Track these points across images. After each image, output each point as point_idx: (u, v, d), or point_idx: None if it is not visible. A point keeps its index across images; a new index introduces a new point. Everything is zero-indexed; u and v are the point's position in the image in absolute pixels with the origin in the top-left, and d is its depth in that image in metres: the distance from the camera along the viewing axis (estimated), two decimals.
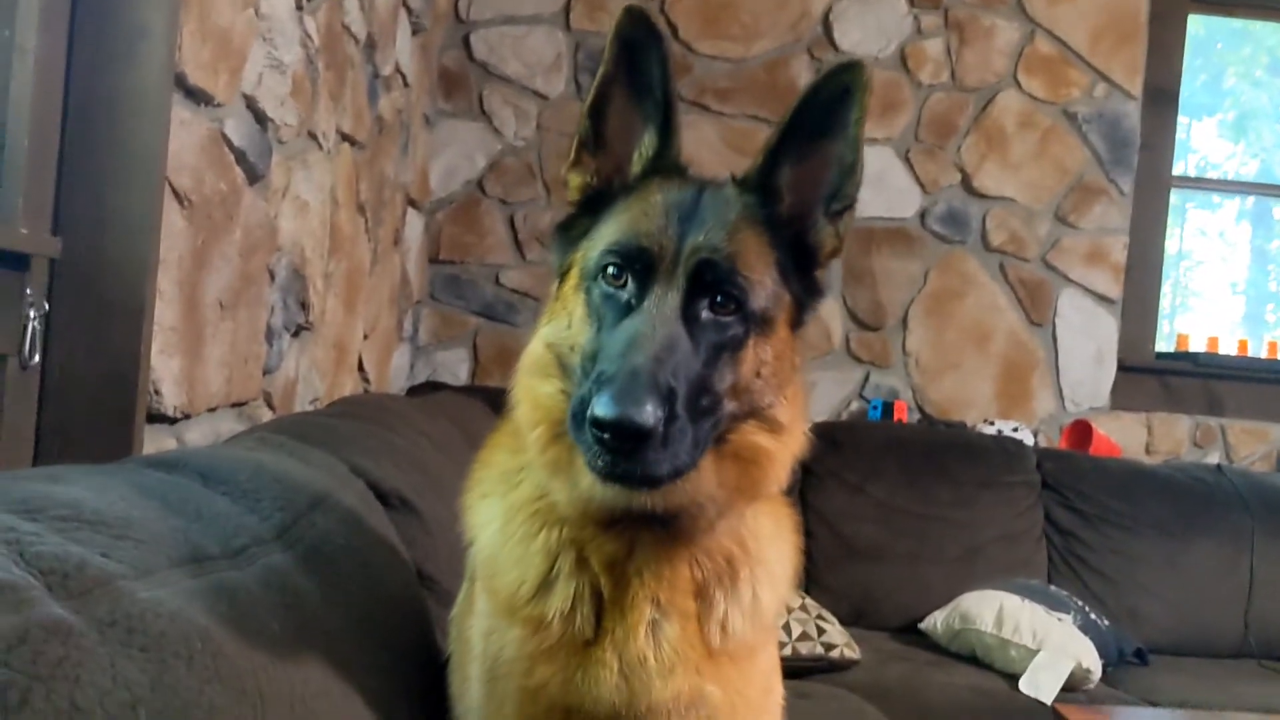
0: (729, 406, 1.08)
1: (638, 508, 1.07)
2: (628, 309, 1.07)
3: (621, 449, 0.96)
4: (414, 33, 3.57)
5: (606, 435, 0.95)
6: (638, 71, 1.16)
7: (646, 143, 1.18)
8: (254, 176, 2.12)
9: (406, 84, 3.51)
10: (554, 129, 4.13)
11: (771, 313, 1.12)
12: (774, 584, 1.20)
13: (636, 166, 1.19)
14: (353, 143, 2.85)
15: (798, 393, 1.16)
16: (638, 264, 1.09)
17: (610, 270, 1.10)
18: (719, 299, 1.08)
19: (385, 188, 3.31)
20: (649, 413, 0.95)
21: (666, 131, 1.18)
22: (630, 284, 1.09)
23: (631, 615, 1.11)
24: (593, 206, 1.19)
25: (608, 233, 1.13)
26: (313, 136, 2.48)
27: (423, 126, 3.91)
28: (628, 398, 0.95)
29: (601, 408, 0.95)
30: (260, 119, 2.14)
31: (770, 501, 1.22)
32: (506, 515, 1.17)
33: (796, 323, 1.18)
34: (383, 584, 1.38)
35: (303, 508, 1.26)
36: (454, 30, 4.15)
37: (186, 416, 1.88)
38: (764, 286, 1.11)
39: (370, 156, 3.07)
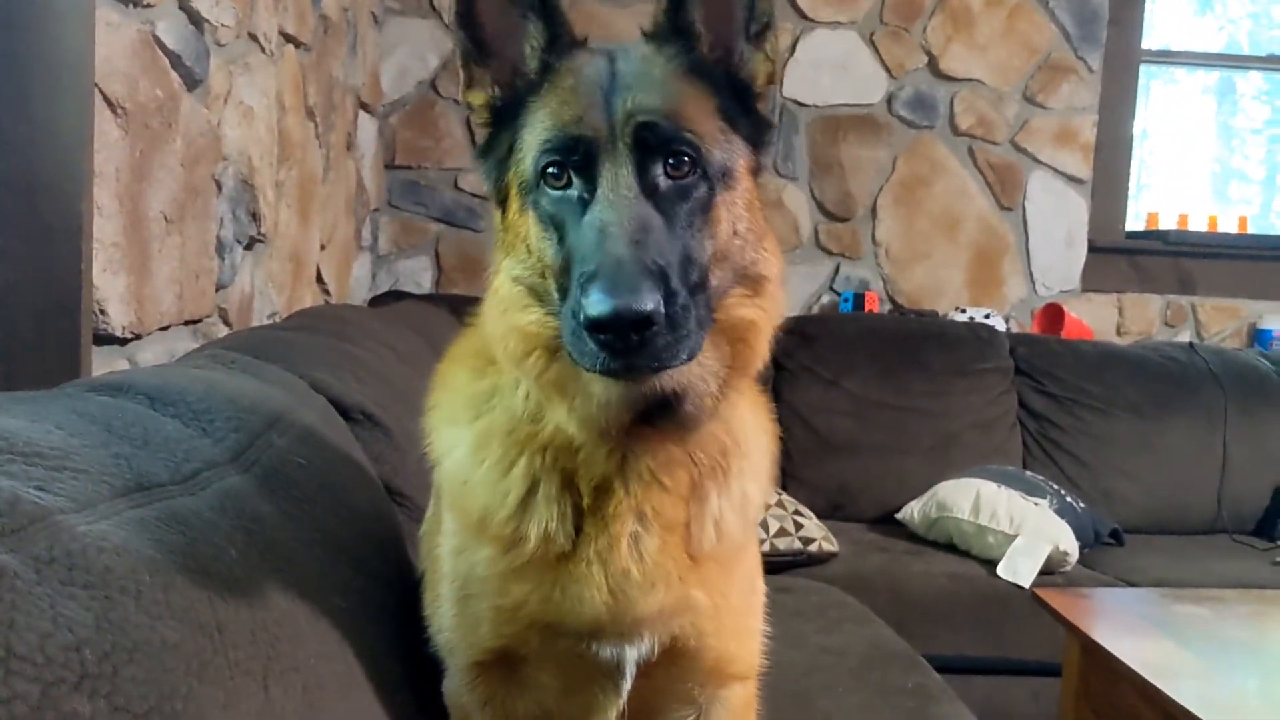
0: (717, 274, 1.01)
1: (661, 391, 1.01)
2: (583, 205, 0.99)
3: (628, 344, 0.89)
4: None
5: (606, 335, 0.88)
6: None
7: (534, 33, 1.08)
8: (192, 81, 2.01)
9: None
10: None
11: (729, 162, 1.04)
12: (759, 477, 1.16)
13: (533, 61, 1.08)
14: (297, 44, 2.72)
15: (774, 242, 1.10)
16: (576, 154, 1.00)
17: (550, 171, 1.01)
18: (672, 161, 1.00)
19: (334, 91, 3.18)
20: (645, 296, 0.88)
21: (549, 12, 1.08)
22: (575, 179, 1.00)
23: (614, 527, 1.06)
24: (505, 118, 1.09)
25: (532, 137, 1.04)
26: (253, 38, 2.36)
27: (371, 26, 3.76)
28: (618, 288, 0.87)
29: (594, 307, 0.87)
30: (195, 20, 2.02)
31: (749, 388, 1.16)
32: (478, 441, 1.11)
33: (755, 168, 1.10)
34: (349, 503, 1.33)
35: (259, 427, 1.20)
36: None
37: (137, 336, 1.81)
38: (713, 136, 1.03)
39: (316, 58, 2.94)
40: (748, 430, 1.15)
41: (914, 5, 4.12)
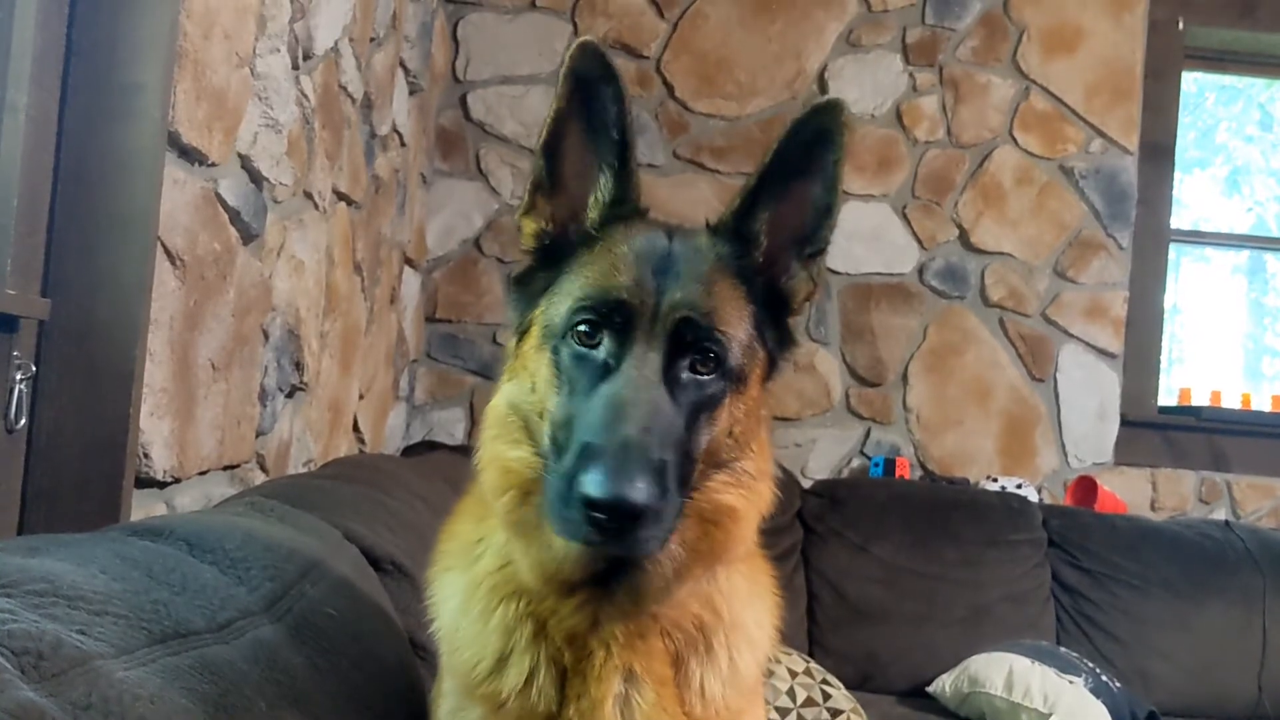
0: (700, 467, 1.03)
1: (607, 564, 1.02)
2: (604, 370, 1.01)
3: (617, 529, 0.91)
4: (411, 93, 3.57)
5: (601, 515, 0.90)
6: (593, 110, 1.09)
7: (603, 186, 1.12)
8: (248, 236, 2.09)
9: (404, 144, 3.50)
10: None
11: (747, 369, 1.08)
12: (752, 646, 1.15)
13: (594, 212, 1.12)
14: (349, 202, 2.83)
15: (764, 444, 1.12)
16: (614, 321, 1.02)
17: (582, 328, 1.03)
18: (698, 356, 1.03)
19: (382, 247, 3.29)
20: (646, 491, 0.90)
21: (624, 174, 1.11)
22: (606, 343, 1.02)
23: (598, 688, 1.05)
24: (550, 258, 1.13)
25: (574, 287, 1.07)
26: (309, 196, 2.46)
27: (420, 186, 3.90)
28: (622, 476, 0.90)
29: (594, 487, 0.89)
30: (255, 178, 2.12)
31: (745, 560, 1.16)
32: (467, 590, 1.12)
33: (768, 376, 1.13)
34: (376, 656, 1.33)
35: (293, 577, 1.21)
36: (451, 90, 4.17)
37: (177, 480, 1.84)
38: (741, 343, 1.07)
39: (367, 216, 3.05)
40: (738, 601, 1.15)
41: (946, 181, 4.23)
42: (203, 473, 1.96)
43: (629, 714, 1.06)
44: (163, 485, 1.80)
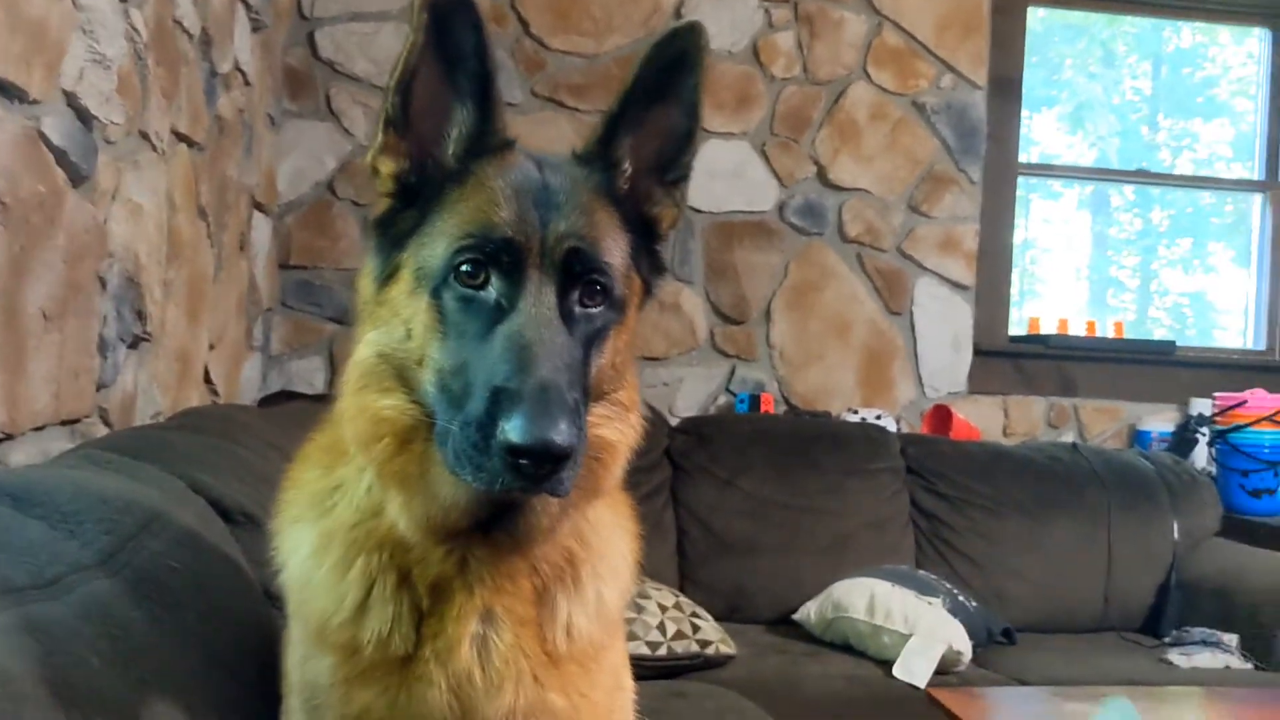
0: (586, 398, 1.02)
1: (494, 509, 1.00)
2: (498, 311, 0.98)
3: (540, 473, 0.89)
4: (254, 29, 3.42)
5: (525, 461, 0.88)
6: (450, 40, 1.04)
7: (463, 118, 1.07)
8: (78, 178, 1.98)
9: (248, 83, 3.35)
10: None
11: (628, 298, 1.07)
12: (617, 578, 1.16)
13: (455, 146, 1.07)
14: (190, 143, 2.70)
15: (634, 372, 1.12)
16: (503, 258, 0.99)
17: (465, 269, 0.99)
18: (586, 288, 1.01)
19: (228, 191, 3.16)
20: (568, 433, 0.88)
21: (488, 104, 1.06)
22: (495, 282, 0.99)
23: (455, 628, 1.04)
24: (411, 197, 1.07)
25: (450, 226, 1.02)
26: (144, 136, 2.33)
27: (267, 127, 3.75)
28: (546, 420, 0.87)
29: (519, 434, 0.87)
30: (83, 117, 2.00)
31: (609, 492, 1.15)
32: (319, 541, 1.08)
33: (641, 304, 1.13)
34: (224, 608, 1.28)
35: (131, 530, 1.16)
36: (298, 28, 4.00)
37: (9, 437, 1.74)
38: (621, 272, 1.05)
39: (210, 158, 2.92)
40: (603, 533, 1.15)
41: (803, 118, 4.27)
42: (38, 428, 1.85)
43: (486, 654, 1.04)
44: None
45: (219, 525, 1.52)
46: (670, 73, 1.08)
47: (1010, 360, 4.46)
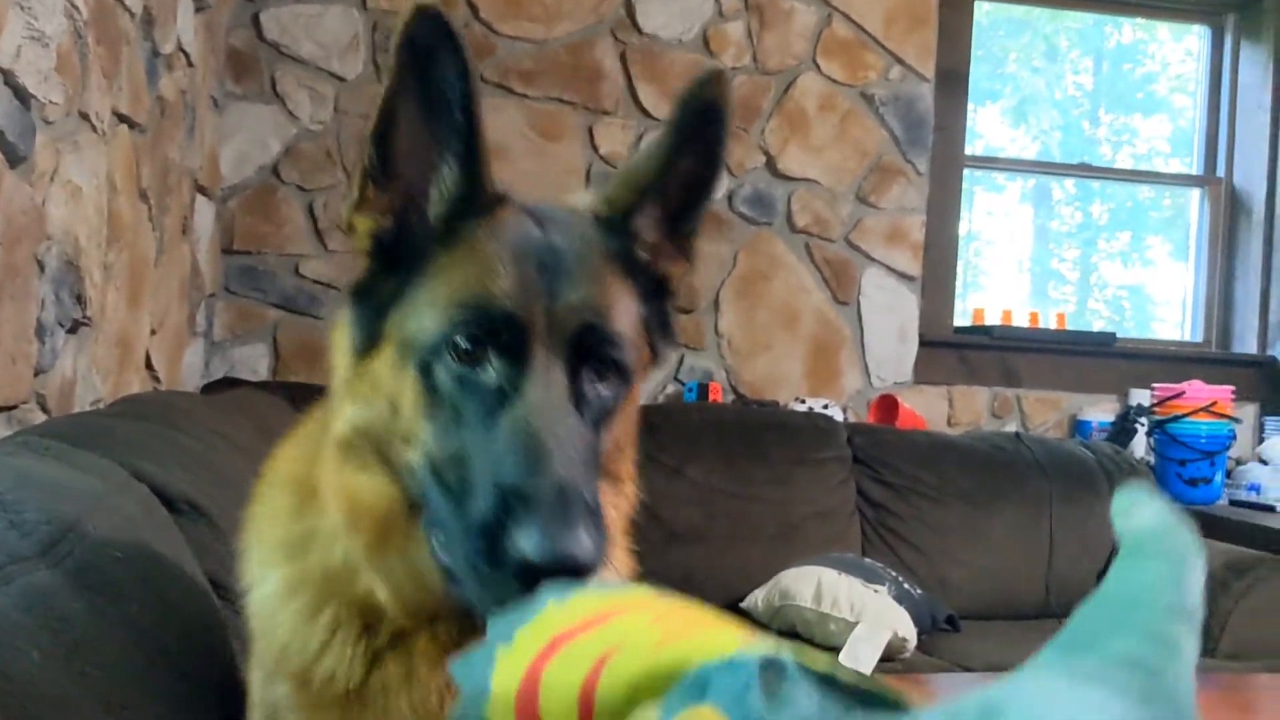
0: None
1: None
2: (500, 395, 0.87)
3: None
4: (197, 9, 3.35)
5: (542, 577, 0.75)
6: (431, 85, 0.93)
7: (448, 176, 0.96)
8: (15, 158, 1.92)
9: (191, 64, 3.29)
10: (352, 112, 3.96)
11: (637, 369, 0.97)
12: None
13: (438, 205, 0.96)
14: (131, 124, 2.64)
15: (634, 444, 1.06)
16: (504, 336, 0.87)
17: (463, 346, 0.88)
18: (600, 368, 0.91)
19: (170, 173, 3.10)
20: (591, 544, 0.77)
21: (473, 160, 0.95)
22: (495, 363, 0.88)
23: (418, 660, 0.98)
24: (390, 258, 0.96)
25: (440, 296, 0.91)
26: (84, 117, 2.28)
27: (210, 109, 3.69)
28: (566, 532, 0.76)
29: (537, 550, 0.75)
30: (21, 95, 1.94)
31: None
32: (287, 586, 1.01)
33: (646, 372, 1.05)
34: (169, 599, 1.26)
35: (72, 519, 1.13)
36: (242, 9, 3.93)
37: None
38: (635, 344, 0.96)
39: (152, 140, 2.86)
40: None
41: (752, 108, 4.28)
42: None
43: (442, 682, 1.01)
44: None
45: (162, 514, 1.49)
46: (696, 125, 1.01)
47: (955, 351, 4.51)
